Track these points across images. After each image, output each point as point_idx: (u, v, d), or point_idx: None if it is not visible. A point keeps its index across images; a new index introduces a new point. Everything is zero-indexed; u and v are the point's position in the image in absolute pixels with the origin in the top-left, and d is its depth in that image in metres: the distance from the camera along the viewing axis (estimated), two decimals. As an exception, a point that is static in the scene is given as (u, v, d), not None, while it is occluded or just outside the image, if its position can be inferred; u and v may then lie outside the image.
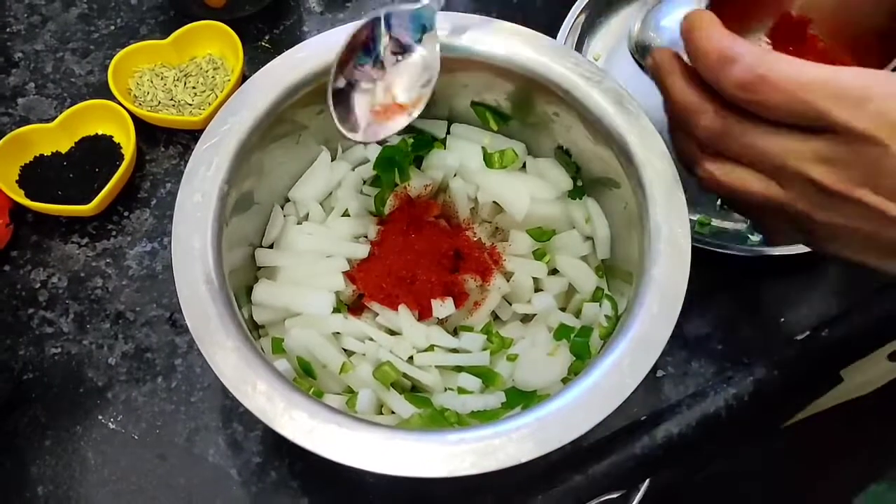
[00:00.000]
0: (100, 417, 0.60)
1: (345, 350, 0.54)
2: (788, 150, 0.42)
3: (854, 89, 0.40)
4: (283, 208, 0.59)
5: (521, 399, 0.53)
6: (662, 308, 0.47)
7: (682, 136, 0.48)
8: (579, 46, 0.73)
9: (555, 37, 0.72)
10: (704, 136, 0.45)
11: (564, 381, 0.53)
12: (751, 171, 0.44)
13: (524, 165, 0.61)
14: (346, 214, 0.59)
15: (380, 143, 0.60)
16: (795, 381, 0.64)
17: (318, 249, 0.57)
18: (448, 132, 0.61)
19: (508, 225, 0.59)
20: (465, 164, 0.59)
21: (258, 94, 0.53)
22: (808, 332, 0.64)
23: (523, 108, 0.58)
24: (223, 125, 0.51)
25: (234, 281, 0.50)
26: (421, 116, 0.58)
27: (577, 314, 0.58)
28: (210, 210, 0.49)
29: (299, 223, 0.59)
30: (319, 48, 0.54)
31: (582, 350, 0.54)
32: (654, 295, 0.47)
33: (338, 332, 0.54)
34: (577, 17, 0.74)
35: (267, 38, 0.77)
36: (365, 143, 0.59)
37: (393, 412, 0.52)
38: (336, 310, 0.55)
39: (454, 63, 0.55)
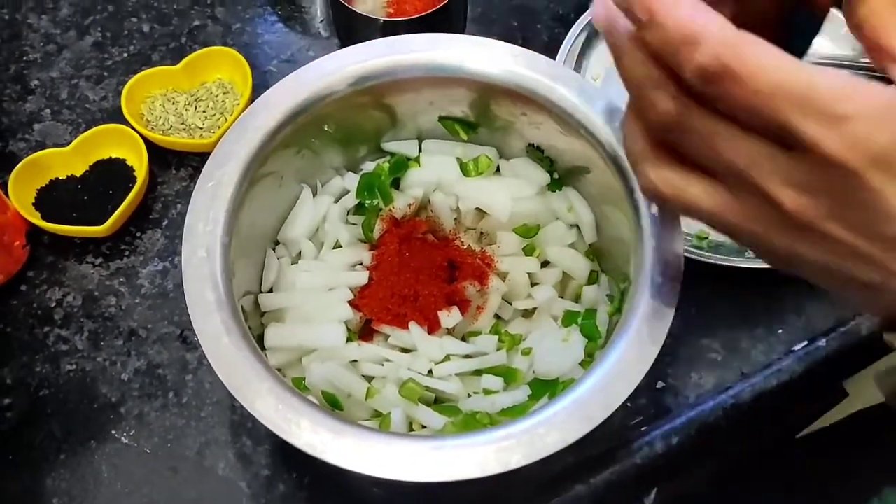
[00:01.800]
0: (113, 432, 0.61)
1: (364, 376, 0.55)
2: (754, 161, 0.34)
3: (831, 102, 0.31)
4: (274, 251, 0.60)
5: (546, 388, 0.55)
6: (666, 276, 0.48)
7: (633, 121, 0.40)
8: (578, 67, 0.75)
9: (554, 58, 0.74)
10: (658, 122, 0.37)
11: (583, 364, 0.55)
12: (702, 182, 0.37)
13: (498, 169, 0.63)
14: (337, 246, 0.61)
15: (356, 171, 0.63)
16: (795, 392, 0.65)
17: (319, 284, 0.58)
18: (420, 149, 0.63)
19: (494, 228, 0.61)
20: (442, 177, 0.61)
21: (241, 144, 0.54)
22: (805, 343, 0.65)
23: (490, 114, 0.60)
24: (211, 180, 0.52)
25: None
26: (390, 139, 0.62)
27: (576, 299, 0.60)
28: (217, 264, 0.50)
29: (294, 263, 0.60)
30: (287, 91, 0.56)
31: (592, 331, 0.56)
32: (656, 265, 0.49)
33: (355, 361, 0.55)
34: (576, 37, 0.75)
35: (274, 62, 0.79)
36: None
37: (424, 427, 0.53)
38: (348, 339, 0.56)
39: (418, 82, 0.58)
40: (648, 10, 0.34)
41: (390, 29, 0.71)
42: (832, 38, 0.75)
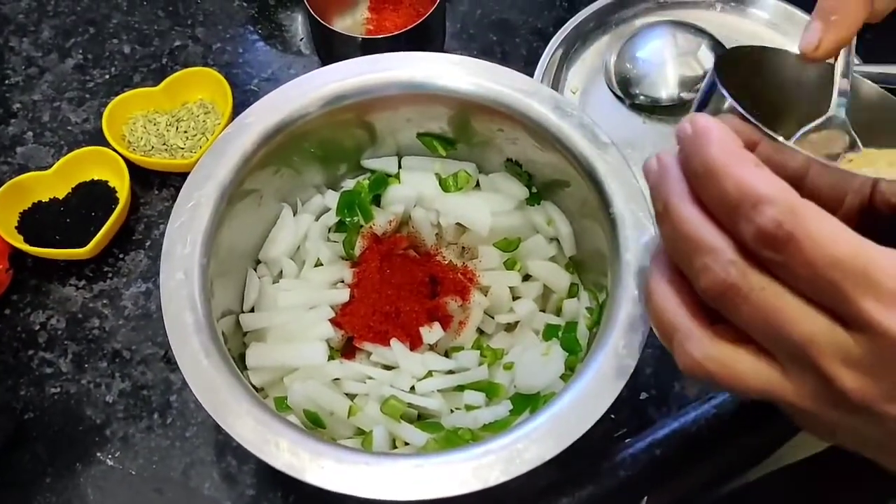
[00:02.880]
0: (98, 454, 0.61)
1: (346, 394, 0.56)
2: (812, 336, 0.31)
3: (894, 282, 0.30)
4: (255, 270, 0.61)
5: (528, 403, 0.55)
6: (643, 288, 0.49)
7: (669, 290, 0.36)
8: (557, 80, 0.75)
9: (533, 72, 0.75)
10: (710, 289, 0.33)
11: (564, 377, 0.55)
12: (752, 356, 0.33)
13: (478, 184, 0.63)
14: (318, 264, 0.61)
15: (336, 189, 0.63)
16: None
17: (301, 303, 0.58)
18: (400, 166, 0.63)
19: (474, 242, 0.61)
20: (422, 193, 0.61)
21: (219, 164, 0.54)
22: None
23: (467, 130, 0.61)
24: (189, 201, 0.53)
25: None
26: (370, 156, 0.62)
27: (558, 312, 0.60)
28: (195, 286, 0.50)
29: (275, 282, 0.61)
30: (265, 110, 0.56)
31: (572, 345, 0.57)
32: (633, 277, 0.49)
33: (337, 379, 0.56)
34: (554, 51, 0.76)
35: (255, 81, 0.80)
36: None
37: (407, 444, 0.53)
38: (330, 357, 0.56)
39: (396, 100, 0.58)
40: (709, 164, 0.32)
41: (370, 46, 0.72)
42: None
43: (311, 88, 0.57)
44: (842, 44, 0.43)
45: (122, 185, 0.70)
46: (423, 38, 0.73)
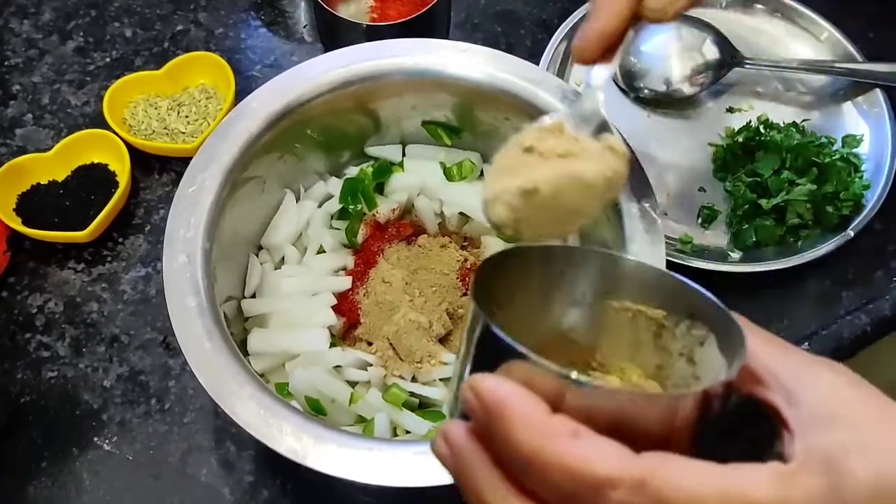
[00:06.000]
0: (95, 439, 0.61)
1: (347, 382, 0.55)
2: None
3: None
4: (257, 256, 0.60)
5: None
6: None
7: None
8: (561, 73, 0.75)
9: (537, 63, 0.75)
10: None
11: None
12: None
13: (482, 173, 0.63)
14: (321, 251, 0.61)
15: (339, 176, 0.63)
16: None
17: (303, 289, 0.58)
18: (404, 154, 0.63)
19: (478, 232, 0.61)
20: (426, 182, 0.61)
21: (223, 148, 0.54)
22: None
23: (472, 119, 0.60)
24: (192, 184, 0.52)
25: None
26: (374, 144, 0.62)
27: None
28: (198, 269, 0.50)
29: (277, 268, 0.60)
30: (269, 95, 0.56)
31: None
32: None
33: (338, 366, 0.55)
34: (559, 43, 0.76)
35: (258, 67, 0.79)
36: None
37: (408, 432, 0.53)
38: (332, 344, 0.56)
39: (401, 87, 0.58)
40: (520, 451, 0.26)
41: (374, 34, 0.71)
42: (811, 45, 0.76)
43: (316, 74, 0.57)
44: (604, 34, 0.43)
45: (122, 169, 0.69)
46: (427, 28, 0.73)
